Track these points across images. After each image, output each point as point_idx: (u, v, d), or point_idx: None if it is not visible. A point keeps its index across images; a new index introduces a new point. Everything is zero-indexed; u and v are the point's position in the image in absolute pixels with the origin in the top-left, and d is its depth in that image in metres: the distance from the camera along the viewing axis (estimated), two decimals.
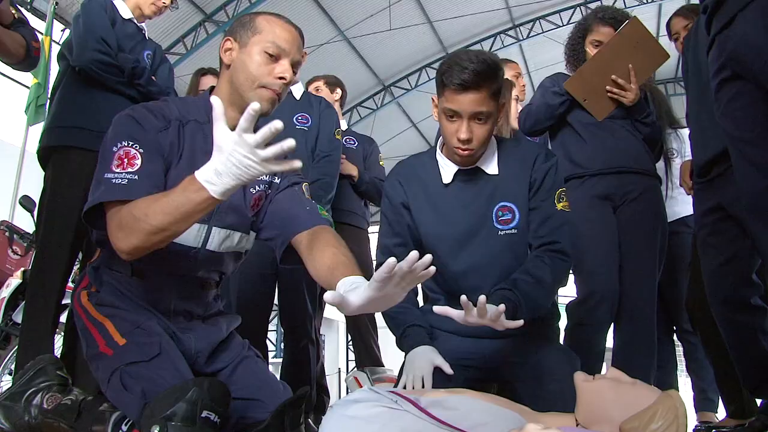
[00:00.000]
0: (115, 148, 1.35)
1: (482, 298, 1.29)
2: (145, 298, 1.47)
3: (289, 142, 1.12)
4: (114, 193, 1.30)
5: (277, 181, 1.61)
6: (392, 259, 1.06)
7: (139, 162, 1.34)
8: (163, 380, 1.26)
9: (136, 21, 2.47)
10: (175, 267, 1.48)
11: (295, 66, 1.48)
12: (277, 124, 1.10)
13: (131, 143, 1.36)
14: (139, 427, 1.21)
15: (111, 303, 1.44)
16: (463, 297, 1.31)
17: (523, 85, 3.15)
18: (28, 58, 2.16)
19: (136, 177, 1.33)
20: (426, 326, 1.65)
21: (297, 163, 1.17)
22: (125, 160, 1.34)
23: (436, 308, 1.35)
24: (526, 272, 1.56)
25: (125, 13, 2.43)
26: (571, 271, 2.30)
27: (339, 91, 3.38)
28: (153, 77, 2.41)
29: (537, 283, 1.53)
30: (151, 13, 2.50)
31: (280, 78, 1.44)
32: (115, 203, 1.31)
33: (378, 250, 1.76)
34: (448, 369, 1.52)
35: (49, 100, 2.44)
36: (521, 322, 1.36)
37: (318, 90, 3.30)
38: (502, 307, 1.31)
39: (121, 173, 1.32)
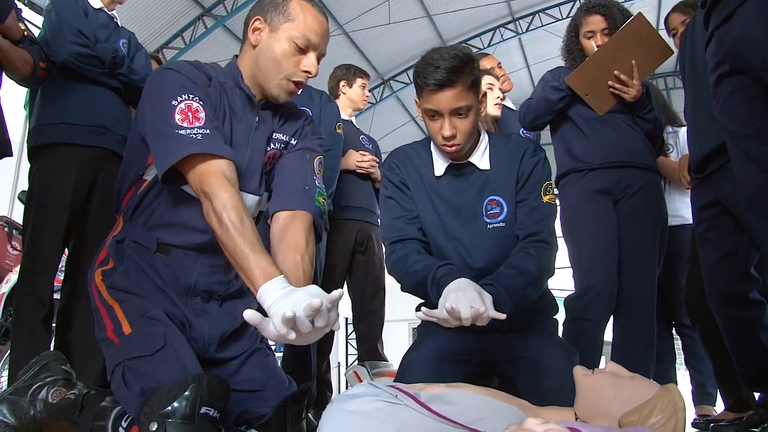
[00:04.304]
0: (174, 102, 1.34)
1: (448, 305, 1.30)
2: (167, 274, 1.46)
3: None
4: (195, 145, 1.30)
5: (293, 142, 1.60)
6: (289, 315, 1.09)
7: (203, 115, 1.35)
8: (165, 376, 1.26)
9: (106, 10, 2.44)
10: (202, 237, 1.46)
11: (319, 59, 1.49)
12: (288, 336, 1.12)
13: (190, 96, 1.35)
14: (138, 424, 1.21)
15: (123, 287, 1.42)
16: (423, 308, 1.34)
17: (503, 75, 3.14)
18: (33, 76, 2.18)
19: (208, 131, 1.34)
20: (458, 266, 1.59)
21: (291, 335, 1.13)
22: (189, 113, 1.33)
23: (419, 314, 1.37)
24: (509, 265, 1.57)
25: (95, 2, 2.40)
26: (569, 265, 2.33)
27: None
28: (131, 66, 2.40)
29: (520, 273, 1.53)
30: None
31: (306, 71, 1.46)
32: (196, 157, 1.31)
33: (387, 230, 1.72)
34: (501, 316, 1.36)
35: (30, 98, 2.43)
36: (504, 315, 1.36)
37: (364, 87, 3.29)
38: (478, 310, 1.31)
39: (192, 128, 1.32)
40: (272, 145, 1.55)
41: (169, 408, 1.16)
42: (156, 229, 1.46)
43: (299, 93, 1.54)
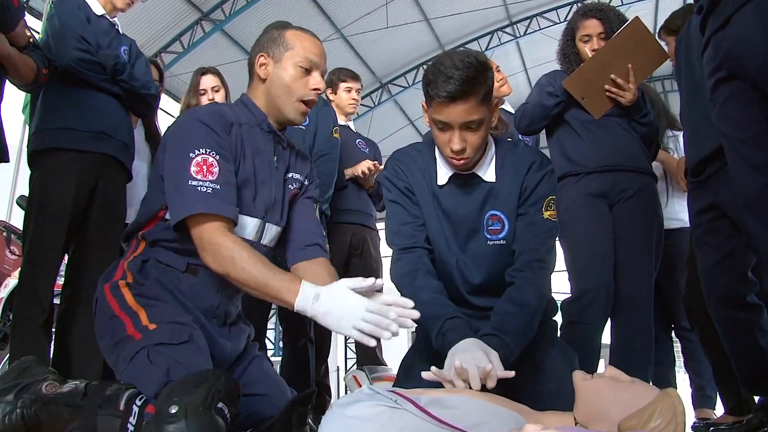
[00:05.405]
0: (192, 154, 1.42)
1: (458, 363, 1.29)
2: (193, 295, 1.51)
3: (382, 334, 1.28)
4: (203, 203, 1.40)
5: (306, 183, 1.72)
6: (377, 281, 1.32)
7: (217, 170, 1.43)
8: (191, 364, 1.29)
9: (108, 17, 2.45)
10: None
11: (323, 76, 1.62)
12: (384, 335, 1.29)
13: (208, 150, 1.44)
14: (154, 404, 1.20)
15: (154, 296, 1.46)
16: (433, 368, 1.34)
17: (502, 78, 3.14)
18: (35, 82, 2.20)
19: (218, 186, 1.42)
20: (466, 319, 1.55)
21: (372, 342, 1.30)
22: (203, 167, 1.42)
23: (425, 374, 1.35)
24: (510, 299, 1.53)
25: (97, 9, 2.41)
26: (565, 269, 2.33)
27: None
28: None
29: (522, 309, 1.51)
30: (124, 5, 2.48)
31: (315, 89, 1.59)
32: (200, 214, 1.40)
33: (395, 236, 1.68)
34: (510, 374, 1.34)
35: (30, 103, 2.44)
36: (512, 373, 1.33)
37: (350, 90, 3.30)
38: (485, 368, 1.29)
39: (204, 181, 1.41)
40: (292, 185, 1.68)
41: (190, 396, 1.17)
42: (185, 255, 1.51)
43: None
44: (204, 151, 1.43)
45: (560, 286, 2.48)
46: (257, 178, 1.56)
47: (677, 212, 2.99)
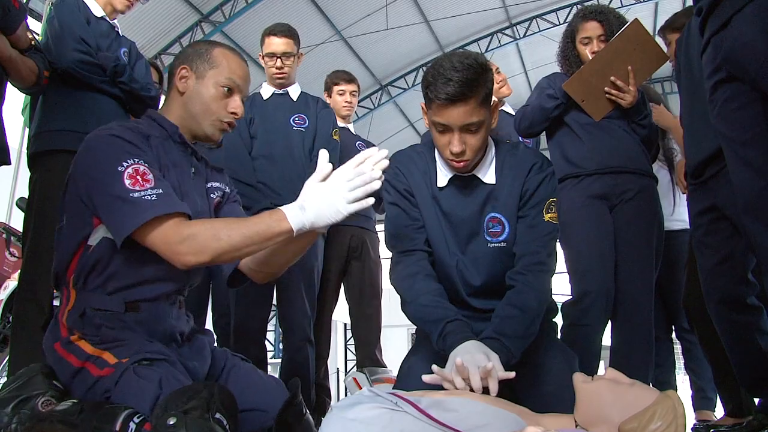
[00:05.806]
0: (120, 168, 1.33)
1: (458, 360, 1.29)
2: (143, 329, 1.42)
3: (373, 187, 1.27)
4: (154, 209, 1.30)
5: (228, 190, 1.67)
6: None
7: (151, 177, 1.34)
8: (179, 379, 1.25)
9: (108, 19, 2.45)
10: (168, 287, 1.47)
11: (243, 100, 1.56)
12: (375, 186, 1.28)
13: (135, 160, 1.35)
14: (150, 420, 1.16)
15: (113, 338, 1.37)
16: (435, 366, 1.33)
17: (502, 80, 3.14)
18: (37, 84, 2.20)
19: (161, 190, 1.33)
20: (467, 321, 1.54)
21: (372, 200, 1.29)
22: (137, 177, 1.33)
23: (426, 377, 1.34)
24: (510, 303, 1.53)
25: (97, 11, 2.41)
26: (566, 271, 2.33)
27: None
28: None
29: (522, 313, 1.50)
30: (124, 7, 2.48)
31: (233, 113, 1.53)
32: (154, 220, 1.30)
33: (394, 238, 1.67)
34: (510, 375, 1.34)
35: (30, 105, 2.44)
36: (513, 374, 1.33)
37: (343, 93, 3.31)
38: (485, 366, 1.29)
39: (145, 190, 1.31)
40: (214, 194, 1.62)
41: (186, 407, 1.13)
42: (120, 292, 1.42)
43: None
44: (132, 162, 1.34)
45: (560, 288, 2.48)
46: (181, 188, 1.48)
47: (681, 213, 2.98)
